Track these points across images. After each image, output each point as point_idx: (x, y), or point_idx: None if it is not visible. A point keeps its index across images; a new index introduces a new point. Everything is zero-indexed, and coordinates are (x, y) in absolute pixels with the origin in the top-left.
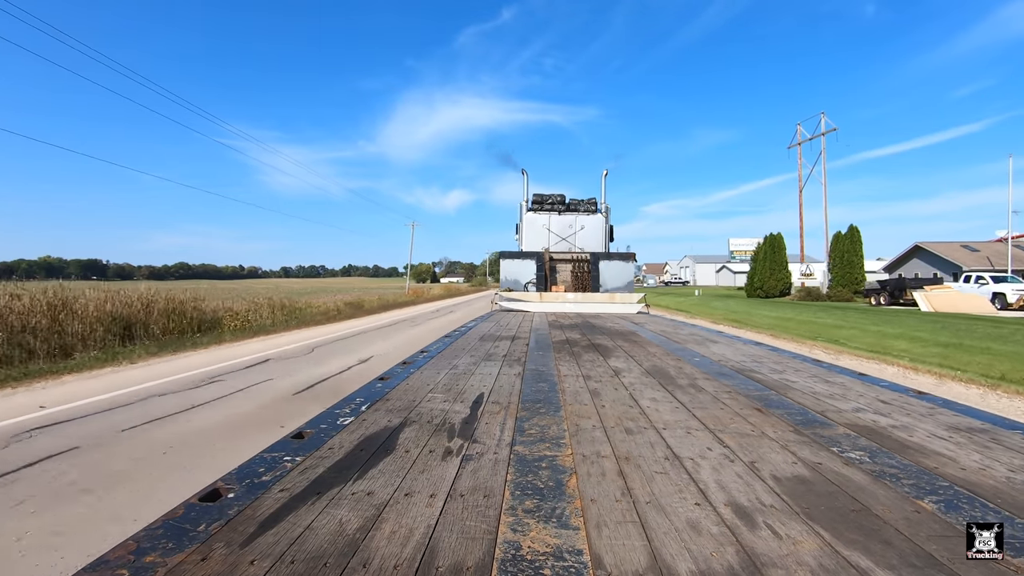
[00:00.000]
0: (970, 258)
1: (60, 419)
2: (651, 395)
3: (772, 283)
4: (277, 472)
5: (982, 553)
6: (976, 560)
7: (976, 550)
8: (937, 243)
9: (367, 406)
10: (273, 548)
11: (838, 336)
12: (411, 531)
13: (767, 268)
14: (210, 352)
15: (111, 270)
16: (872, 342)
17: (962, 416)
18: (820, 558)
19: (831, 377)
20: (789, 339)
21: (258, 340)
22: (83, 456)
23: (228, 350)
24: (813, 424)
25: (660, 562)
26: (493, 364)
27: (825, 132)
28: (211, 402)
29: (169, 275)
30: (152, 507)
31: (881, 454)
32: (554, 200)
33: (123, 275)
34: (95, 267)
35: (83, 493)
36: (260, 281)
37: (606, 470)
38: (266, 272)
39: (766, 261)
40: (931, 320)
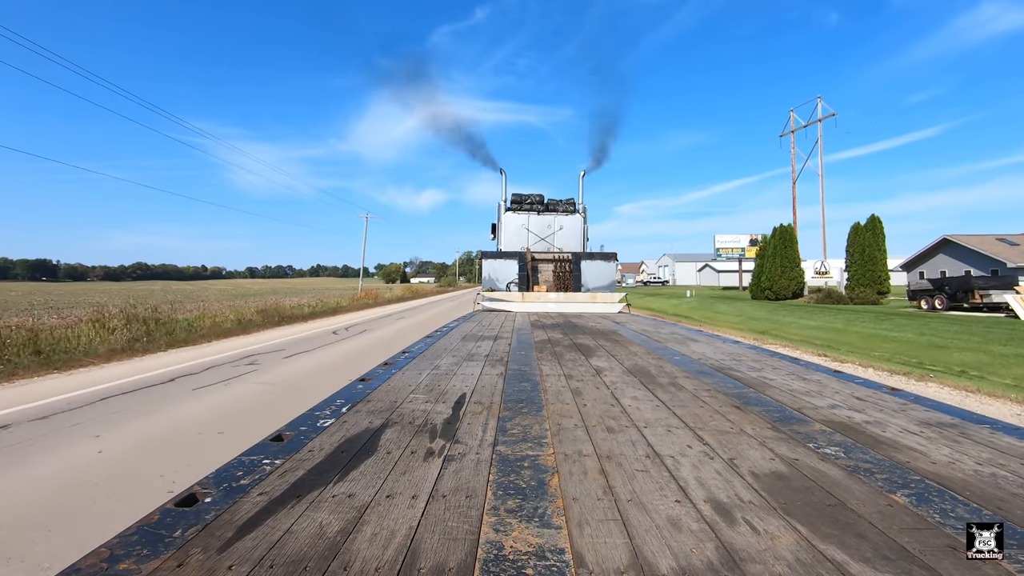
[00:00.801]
0: (1011, 252)
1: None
2: (632, 394)
3: (784, 283)
4: (256, 475)
5: (982, 553)
6: (962, 558)
7: (976, 550)
8: (969, 236)
9: (348, 408)
10: (252, 553)
11: (961, 363)
12: (393, 533)
13: (777, 266)
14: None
15: (62, 271)
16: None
17: (933, 411)
18: (797, 552)
19: (808, 375)
20: (886, 368)
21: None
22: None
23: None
24: (790, 421)
25: (641, 559)
26: (475, 364)
27: (823, 118)
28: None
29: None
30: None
31: (856, 449)
32: (533, 200)
33: (75, 276)
34: (45, 268)
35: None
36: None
37: (588, 469)
38: (230, 272)
39: (776, 257)
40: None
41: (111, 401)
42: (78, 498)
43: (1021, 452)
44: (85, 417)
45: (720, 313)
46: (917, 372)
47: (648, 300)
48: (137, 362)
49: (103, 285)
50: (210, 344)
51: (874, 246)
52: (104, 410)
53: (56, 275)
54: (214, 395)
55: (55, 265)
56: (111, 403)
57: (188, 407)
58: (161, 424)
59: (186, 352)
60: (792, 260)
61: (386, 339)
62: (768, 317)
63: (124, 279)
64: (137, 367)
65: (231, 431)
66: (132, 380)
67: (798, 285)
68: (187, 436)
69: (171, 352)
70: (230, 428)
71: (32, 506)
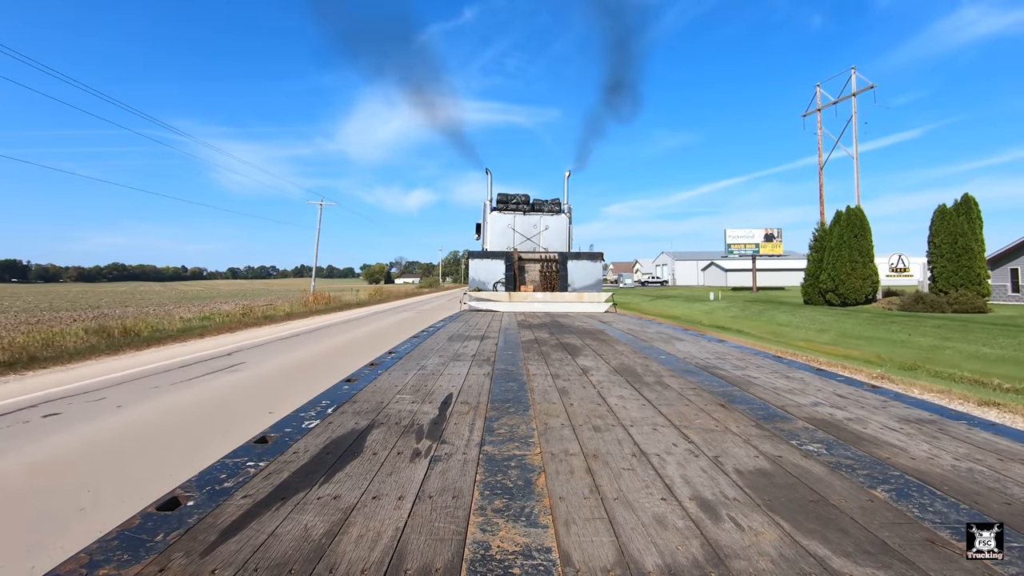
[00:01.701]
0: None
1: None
2: (619, 393)
3: (855, 282)
4: (240, 478)
5: (982, 553)
6: (940, 552)
7: (976, 550)
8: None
9: (333, 409)
10: (235, 556)
11: None
12: (379, 534)
13: (845, 260)
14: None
15: (33, 272)
16: None
17: (912, 408)
18: (780, 548)
19: (791, 373)
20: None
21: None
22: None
23: None
24: (774, 418)
25: (628, 557)
26: (462, 364)
27: (857, 92)
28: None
29: (101, 277)
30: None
31: (837, 446)
32: (519, 200)
33: (47, 277)
34: (14, 268)
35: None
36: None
37: (574, 468)
38: (212, 273)
39: (842, 250)
40: None
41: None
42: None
43: (996, 447)
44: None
45: (785, 326)
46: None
47: (661, 304)
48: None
49: (73, 287)
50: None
51: (969, 235)
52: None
53: (27, 276)
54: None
55: (25, 266)
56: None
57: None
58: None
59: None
60: (865, 253)
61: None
62: (885, 336)
63: (100, 280)
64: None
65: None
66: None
67: (872, 285)
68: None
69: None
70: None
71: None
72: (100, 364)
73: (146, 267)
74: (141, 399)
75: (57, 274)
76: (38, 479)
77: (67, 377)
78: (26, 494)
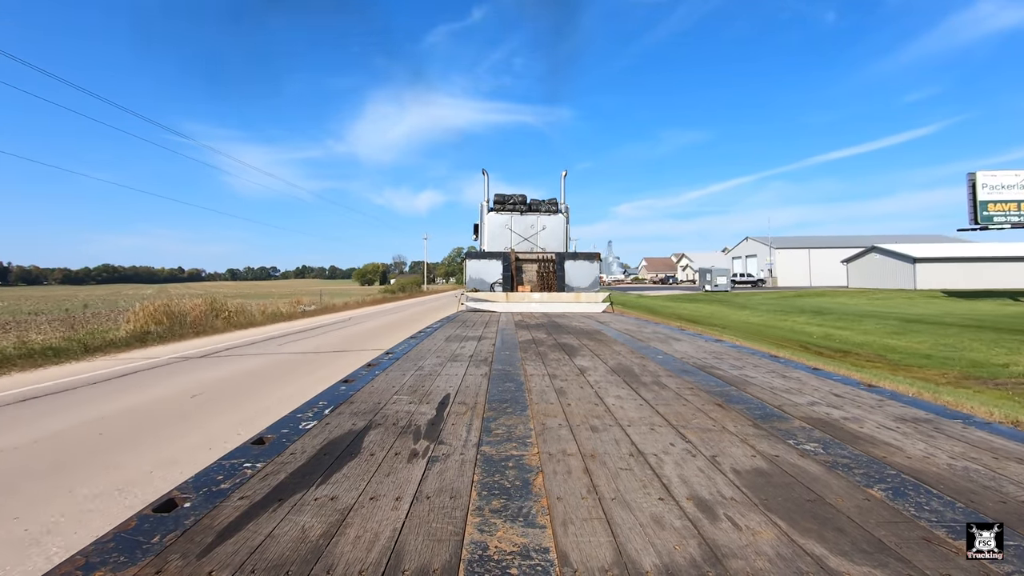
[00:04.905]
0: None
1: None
2: (616, 393)
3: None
4: (237, 479)
5: (982, 553)
6: (937, 550)
7: (976, 550)
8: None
9: (330, 409)
10: (232, 558)
11: None
12: (376, 535)
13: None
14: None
15: (14, 274)
16: None
17: (908, 407)
18: (777, 547)
19: (788, 372)
20: None
21: None
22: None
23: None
24: (771, 418)
25: (625, 557)
26: (459, 365)
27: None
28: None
29: (90, 279)
30: None
31: (834, 445)
32: (516, 200)
33: (29, 280)
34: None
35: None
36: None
37: (572, 468)
38: (211, 275)
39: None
40: None
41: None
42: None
43: (991, 446)
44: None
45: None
46: None
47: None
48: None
49: (55, 290)
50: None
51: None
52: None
53: (7, 279)
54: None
55: (6, 268)
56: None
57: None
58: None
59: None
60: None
61: None
62: None
63: (87, 282)
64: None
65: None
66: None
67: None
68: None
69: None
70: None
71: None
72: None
73: (139, 269)
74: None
75: (41, 276)
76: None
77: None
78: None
